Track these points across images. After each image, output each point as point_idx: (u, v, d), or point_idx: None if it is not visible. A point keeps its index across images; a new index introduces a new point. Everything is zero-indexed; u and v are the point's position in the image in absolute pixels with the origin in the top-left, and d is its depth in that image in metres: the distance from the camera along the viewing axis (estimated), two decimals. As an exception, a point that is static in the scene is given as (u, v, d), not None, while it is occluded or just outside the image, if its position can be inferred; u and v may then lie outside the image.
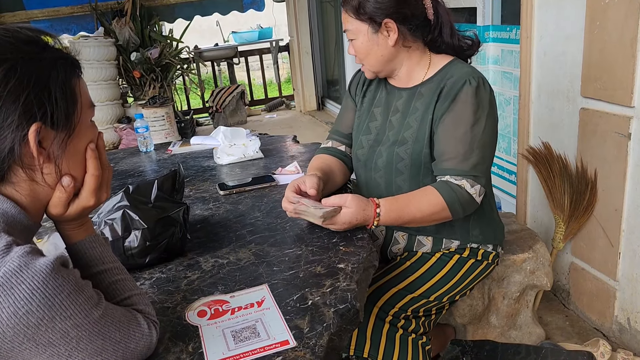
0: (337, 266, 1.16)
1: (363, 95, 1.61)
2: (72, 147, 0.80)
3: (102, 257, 0.88)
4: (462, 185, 1.37)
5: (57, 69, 0.77)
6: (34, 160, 0.76)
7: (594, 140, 1.93)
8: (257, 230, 1.38)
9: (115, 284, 0.88)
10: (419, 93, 1.47)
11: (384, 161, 1.49)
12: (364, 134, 1.56)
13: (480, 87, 1.39)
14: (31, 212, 0.79)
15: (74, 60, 0.81)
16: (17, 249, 0.69)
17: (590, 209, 2.00)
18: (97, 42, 4.82)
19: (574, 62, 1.99)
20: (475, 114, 1.37)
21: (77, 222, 0.88)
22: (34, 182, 0.78)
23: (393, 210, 1.36)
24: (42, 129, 0.74)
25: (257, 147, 2.08)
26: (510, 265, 1.79)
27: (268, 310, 1.01)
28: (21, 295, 0.67)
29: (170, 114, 4.82)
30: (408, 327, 1.44)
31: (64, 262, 0.73)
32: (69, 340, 0.72)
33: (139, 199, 1.25)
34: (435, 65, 1.48)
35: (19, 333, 0.67)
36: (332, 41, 6.23)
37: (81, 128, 0.81)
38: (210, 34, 7.82)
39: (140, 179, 1.94)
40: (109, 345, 0.77)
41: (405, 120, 1.48)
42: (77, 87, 0.80)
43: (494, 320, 1.84)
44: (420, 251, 1.54)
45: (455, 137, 1.38)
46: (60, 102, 0.76)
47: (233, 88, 6.43)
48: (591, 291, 2.09)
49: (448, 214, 1.38)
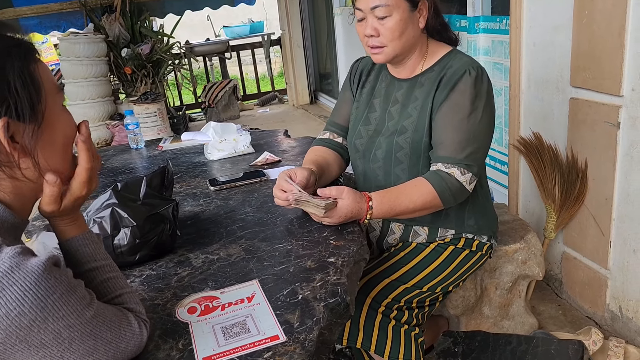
0: (327, 260, 1.16)
1: (362, 85, 1.61)
2: (46, 136, 0.77)
3: (94, 255, 0.88)
4: (451, 174, 1.37)
5: (11, 58, 0.72)
6: (9, 157, 0.73)
7: (584, 130, 1.94)
8: (247, 226, 1.38)
9: (107, 282, 0.87)
10: (419, 83, 1.47)
11: (383, 151, 1.49)
12: (363, 125, 1.55)
13: (479, 77, 1.39)
14: (17, 210, 0.78)
15: (29, 45, 0.76)
16: (8, 249, 0.68)
17: (581, 198, 2.01)
18: (87, 38, 4.78)
19: (563, 52, 1.99)
20: (473, 104, 1.37)
21: (70, 217, 0.87)
22: (15, 180, 0.76)
23: (385, 202, 1.36)
24: (9, 124, 0.71)
25: (247, 142, 2.08)
26: (502, 256, 1.80)
27: (258, 306, 1.01)
28: (13, 296, 0.66)
29: (162, 110, 4.81)
30: (401, 318, 1.44)
31: (56, 262, 0.72)
32: (62, 341, 0.71)
33: (128, 196, 1.24)
34: (433, 54, 1.48)
35: (11, 335, 0.66)
36: (324, 34, 6.21)
37: (51, 116, 0.77)
38: (201, 29, 7.78)
39: (131, 176, 1.93)
40: (100, 345, 0.76)
41: (405, 110, 1.48)
42: (37, 73, 0.75)
43: (486, 311, 1.85)
44: (415, 242, 1.54)
45: (451, 125, 1.38)
46: (21, 93, 0.72)
47: (225, 83, 6.41)
48: (583, 280, 2.10)
49: (439, 202, 1.38)
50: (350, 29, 5.24)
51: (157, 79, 5.34)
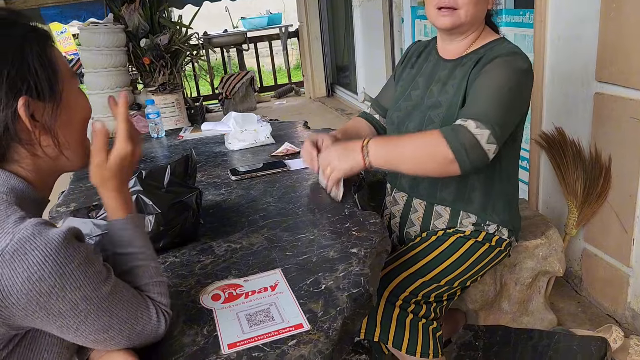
0: (350, 251, 1.16)
1: (411, 66, 1.62)
2: (65, 116, 0.81)
3: (131, 240, 0.89)
4: (466, 125, 1.29)
5: (30, 42, 0.77)
6: (30, 135, 0.77)
7: (609, 126, 1.91)
8: (269, 215, 1.38)
9: (136, 269, 0.88)
10: (461, 63, 1.47)
11: (416, 124, 1.48)
12: (405, 100, 1.56)
13: (519, 60, 1.37)
14: (38, 186, 0.82)
15: (44, 31, 0.82)
16: (31, 219, 0.72)
17: (603, 195, 1.98)
18: (107, 28, 4.81)
19: (588, 46, 1.96)
20: (509, 80, 1.34)
21: (117, 190, 0.88)
22: (36, 157, 0.80)
23: (381, 144, 1.36)
24: (30, 102, 0.76)
25: (268, 133, 2.08)
26: (522, 251, 1.79)
27: (282, 294, 1.02)
28: (34, 261, 0.69)
29: (180, 101, 4.84)
30: (418, 312, 1.44)
31: (76, 234, 0.75)
32: (78, 313, 0.74)
33: (152, 184, 1.25)
34: (484, 38, 1.48)
35: (32, 300, 0.69)
36: (342, 27, 6.18)
37: (69, 96, 0.82)
38: (219, 20, 7.78)
39: (152, 165, 1.95)
40: (115, 323, 0.78)
41: (444, 88, 1.48)
42: (53, 56, 0.80)
43: (505, 306, 1.84)
44: (437, 225, 1.53)
45: (480, 90, 1.35)
46: (41, 73, 0.77)
47: (242, 74, 6.42)
48: (604, 277, 2.08)
49: (449, 154, 1.27)
50: (369, 21, 5.21)
51: (175, 70, 5.36)
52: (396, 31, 4.53)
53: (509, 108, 1.34)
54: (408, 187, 1.57)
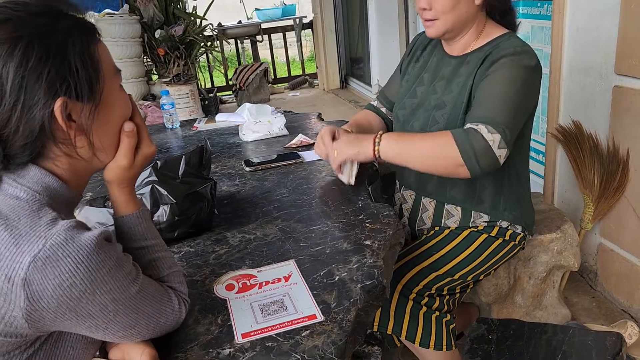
0: (363, 243, 1.16)
1: (416, 60, 1.61)
2: (103, 116, 0.79)
3: (145, 234, 0.89)
4: (478, 130, 1.28)
5: (73, 39, 0.74)
6: (66, 135, 0.75)
7: (627, 119, 1.88)
8: (283, 207, 1.39)
9: (155, 261, 0.89)
10: (466, 61, 1.45)
11: (420, 124, 1.47)
12: (410, 97, 1.55)
13: (526, 56, 1.35)
14: (72, 185, 0.80)
15: (90, 26, 0.78)
16: (63, 222, 0.71)
17: (621, 189, 1.96)
18: (122, 19, 4.83)
19: (608, 38, 1.93)
20: (516, 81, 1.33)
21: (131, 187, 0.89)
22: (71, 157, 0.78)
23: (394, 139, 1.37)
24: (67, 103, 0.73)
25: (282, 124, 2.08)
26: (537, 245, 1.77)
27: (295, 285, 1.02)
28: (67, 268, 0.68)
29: (194, 92, 4.85)
30: (432, 305, 1.44)
31: (107, 236, 0.75)
32: (107, 313, 0.74)
33: (167, 174, 1.26)
34: (488, 34, 1.45)
35: (62, 304, 0.69)
36: (356, 18, 6.14)
37: (109, 96, 0.79)
38: (233, 11, 7.77)
39: (167, 155, 1.96)
40: (142, 319, 0.79)
41: (448, 87, 1.46)
42: (97, 54, 0.77)
43: (519, 300, 1.83)
44: (448, 224, 1.52)
45: (487, 90, 1.34)
46: (81, 73, 0.74)
47: (256, 66, 6.42)
48: (620, 272, 2.05)
49: (457, 153, 1.26)
50: (384, 12, 5.18)
51: (190, 61, 5.37)
52: (411, 22, 4.49)
53: (517, 109, 1.34)
54: (415, 185, 1.56)
